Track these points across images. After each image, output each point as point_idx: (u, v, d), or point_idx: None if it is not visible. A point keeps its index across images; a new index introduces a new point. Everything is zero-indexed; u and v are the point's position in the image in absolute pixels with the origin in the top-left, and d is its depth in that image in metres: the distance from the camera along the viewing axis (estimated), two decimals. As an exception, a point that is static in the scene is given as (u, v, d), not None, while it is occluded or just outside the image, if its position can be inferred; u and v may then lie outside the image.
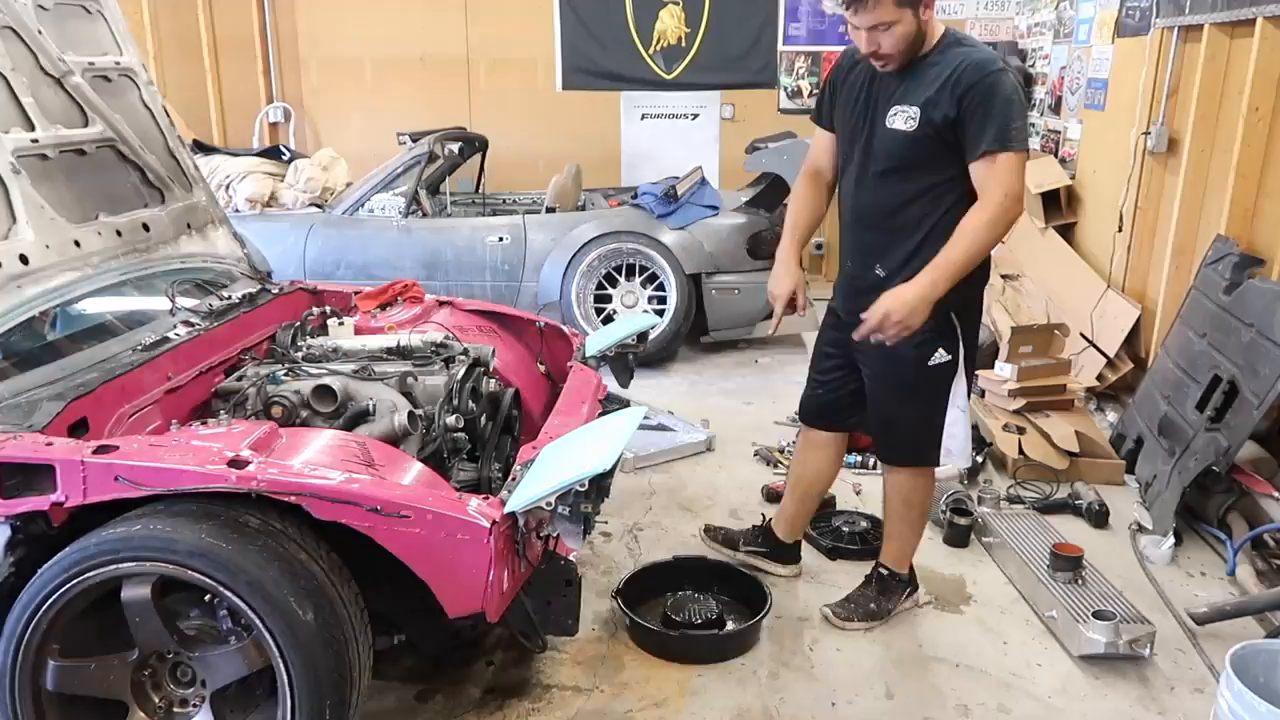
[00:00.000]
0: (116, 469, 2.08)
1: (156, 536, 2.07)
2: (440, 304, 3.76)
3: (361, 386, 2.86)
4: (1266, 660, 2.30)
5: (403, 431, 2.71)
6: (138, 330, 2.92)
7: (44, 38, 3.02)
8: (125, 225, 3.12)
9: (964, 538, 3.62)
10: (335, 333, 3.38)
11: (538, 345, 3.77)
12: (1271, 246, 3.92)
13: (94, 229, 2.98)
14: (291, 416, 2.76)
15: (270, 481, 2.09)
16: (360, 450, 2.37)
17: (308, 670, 2.08)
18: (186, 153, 3.59)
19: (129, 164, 3.29)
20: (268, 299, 3.46)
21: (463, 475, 2.88)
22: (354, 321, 3.48)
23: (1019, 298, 5.62)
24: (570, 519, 2.15)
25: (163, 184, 3.39)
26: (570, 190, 6.09)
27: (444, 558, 2.11)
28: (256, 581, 2.04)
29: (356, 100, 8.23)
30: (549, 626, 2.45)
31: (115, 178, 3.23)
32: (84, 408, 2.43)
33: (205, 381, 2.94)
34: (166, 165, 3.44)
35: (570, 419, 2.88)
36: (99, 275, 2.92)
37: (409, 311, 3.61)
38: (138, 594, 2.11)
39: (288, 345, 3.22)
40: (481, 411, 3.07)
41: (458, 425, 2.87)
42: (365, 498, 2.09)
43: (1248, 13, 4.01)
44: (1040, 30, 6.85)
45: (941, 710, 2.73)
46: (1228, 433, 3.51)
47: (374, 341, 3.21)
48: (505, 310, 3.86)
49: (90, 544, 2.10)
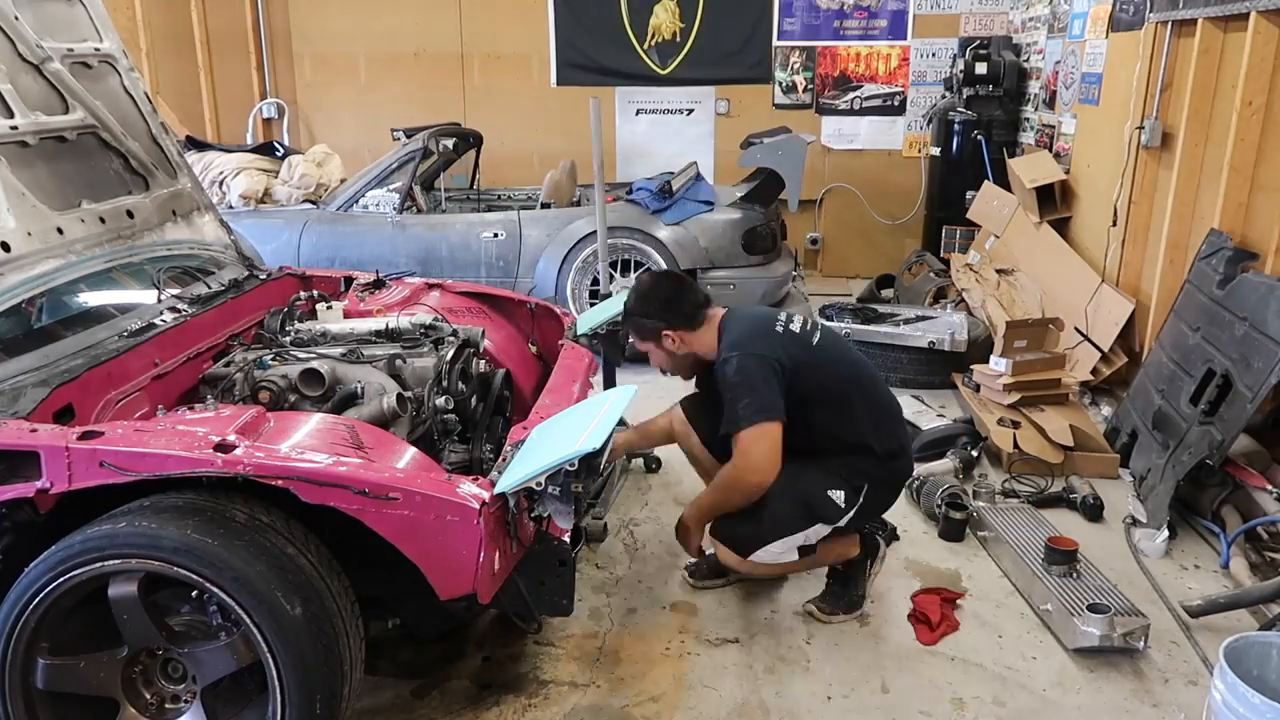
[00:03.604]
0: (102, 454, 2.06)
1: (142, 533, 2.05)
2: (430, 286, 3.72)
3: (350, 369, 2.84)
4: (1260, 653, 2.31)
5: (391, 414, 2.68)
6: (123, 317, 2.89)
7: (21, 24, 2.98)
8: (109, 212, 3.08)
9: (959, 532, 3.63)
10: (324, 317, 3.35)
11: (529, 326, 3.73)
12: (1265, 240, 3.93)
13: (77, 216, 2.93)
14: (279, 401, 2.73)
15: (257, 465, 2.06)
16: (349, 433, 2.35)
17: (297, 664, 2.06)
18: (170, 139, 3.54)
19: (111, 150, 3.24)
20: (255, 284, 3.42)
21: (454, 457, 2.86)
22: (342, 305, 3.44)
23: (1014, 292, 5.63)
24: (561, 499, 2.14)
25: (146, 170, 3.35)
26: (565, 186, 6.08)
27: (434, 540, 2.08)
28: (243, 576, 2.03)
29: (350, 96, 8.21)
30: (543, 607, 2.42)
31: (97, 164, 3.18)
32: (69, 394, 2.41)
33: (193, 367, 2.91)
34: (150, 151, 3.40)
35: (561, 398, 2.86)
36: (83, 262, 2.88)
37: (398, 294, 3.58)
38: (125, 591, 2.10)
39: (275, 330, 3.19)
40: (472, 393, 3.04)
41: (447, 407, 2.85)
42: (353, 480, 2.07)
43: (1241, 7, 4.01)
44: (1034, 25, 6.85)
45: (937, 704, 2.74)
46: (1221, 426, 3.52)
47: (362, 325, 3.18)
48: (496, 292, 3.82)
49: (75, 542, 2.08)
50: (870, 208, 7.90)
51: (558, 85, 7.96)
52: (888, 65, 7.76)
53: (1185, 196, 4.54)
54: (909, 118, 7.83)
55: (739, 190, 6.01)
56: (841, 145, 7.92)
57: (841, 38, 7.75)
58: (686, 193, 5.70)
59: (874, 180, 7.89)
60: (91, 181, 3.10)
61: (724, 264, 5.64)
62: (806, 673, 2.87)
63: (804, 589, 3.29)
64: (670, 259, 5.55)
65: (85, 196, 3.03)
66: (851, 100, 7.86)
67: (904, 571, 3.42)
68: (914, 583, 3.34)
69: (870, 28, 7.72)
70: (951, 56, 7.44)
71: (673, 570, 3.40)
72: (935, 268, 6.55)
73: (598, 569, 3.39)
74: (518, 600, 2.38)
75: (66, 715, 2.25)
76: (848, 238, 8.04)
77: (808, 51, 7.80)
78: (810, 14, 7.72)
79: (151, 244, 3.22)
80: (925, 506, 3.79)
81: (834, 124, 7.90)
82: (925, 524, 3.76)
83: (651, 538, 3.62)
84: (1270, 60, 3.93)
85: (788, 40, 7.78)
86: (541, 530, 2.36)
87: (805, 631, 3.06)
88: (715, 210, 5.70)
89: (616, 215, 5.67)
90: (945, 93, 7.38)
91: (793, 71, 7.83)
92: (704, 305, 3.02)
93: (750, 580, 3.30)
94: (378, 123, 7.32)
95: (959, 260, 6.36)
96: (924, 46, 7.69)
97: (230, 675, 2.18)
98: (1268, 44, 3.91)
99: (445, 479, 2.18)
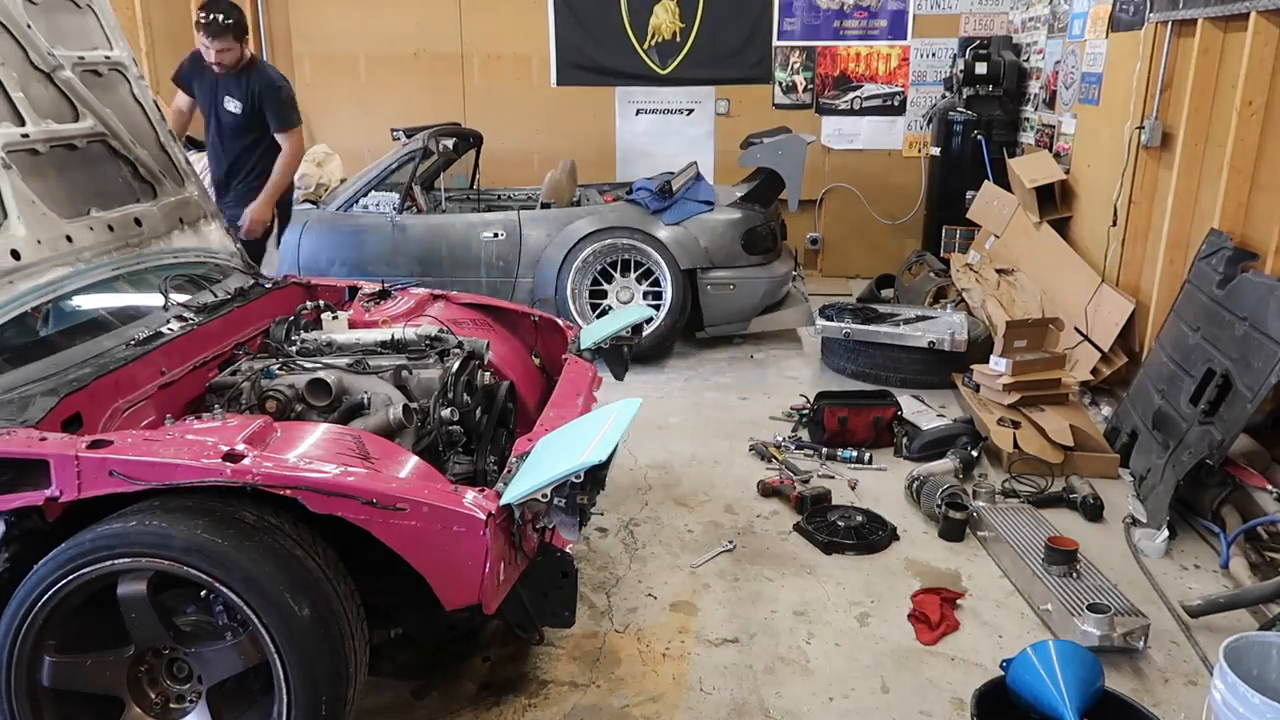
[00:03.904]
0: (111, 464, 2.07)
1: (152, 532, 2.06)
2: (434, 298, 3.75)
3: (356, 380, 2.85)
4: (1260, 652, 2.31)
5: (398, 425, 2.70)
6: (131, 325, 2.91)
7: (33, 32, 3.01)
8: (117, 220, 3.11)
9: (959, 532, 3.63)
10: (329, 326, 3.37)
11: (532, 338, 3.76)
12: (1265, 240, 3.93)
13: (86, 224, 2.96)
14: (286, 410, 2.75)
15: (265, 475, 2.08)
16: (355, 444, 2.37)
17: (304, 666, 2.07)
18: (178, 148, 3.57)
19: (120, 158, 3.28)
20: (261, 293, 3.45)
21: (458, 468, 2.87)
22: (348, 315, 3.47)
23: (1014, 292, 5.63)
24: (566, 511, 2.15)
25: (154, 178, 3.38)
26: (565, 186, 6.08)
27: (440, 550, 2.10)
28: (252, 577, 2.04)
29: (350, 96, 8.20)
30: (545, 618, 2.45)
31: (106, 172, 3.21)
32: (77, 403, 2.42)
33: (199, 376, 2.93)
34: (158, 160, 3.43)
35: (565, 411, 2.88)
36: (91, 270, 2.91)
37: (403, 304, 3.60)
38: (134, 590, 2.10)
39: (281, 339, 3.21)
40: (476, 404, 3.06)
41: (453, 418, 2.87)
42: (361, 490, 2.08)
43: (1241, 7, 4.02)
44: (1034, 25, 6.85)
45: (937, 704, 2.74)
46: (1221, 426, 3.52)
47: (368, 335, 3.20)
48: (500, 304, 3.85)
49: (86, 540, 2.09)
50: (870, 208, 7.90)
51: (558, 85, 7.96)
52: (888, 65, 7.77)
53: (1185, 196, 4.54)
54: (909, 118, 7.83)
55: (739, 190, 6.01)
56: (841, 145, 7.92)
57: (841, 38, 7.75)
58: (686, 193, 5.71)
59: (874, 180, 7.89)
60: (100, 189, 3.13)
61: (724, 264, 5.64)
62: (806, 673, 2.87)
63: (804, 589, 3.29)
64: (670, 259, 5.56)
65: (94, 204, 3.06)
66: (851, 100, 7.86)
67: (904, 571, 3.42)
68: (914, 583, 3.34)
69: (870, 28, 7.72)
70: (951, 56, 7.45)
71: (673, 570, 3.40)
72: (935, 268, 6.56)
73: (598, 570, 3.40)
74: (520, 611, 2.40)
75: (71, 714, 2.26)
76: (848, 238, 8.04)
77: (808, 51, 7.80)
78: (810, 14, 7.73)
79: (159, 252, 3.25)
80: (925, 506, 3.79)
81: (834, 124, 7.90)
82: (925, 524, 3.76)
83: (651, 538, 3.63)
84: (1270, 60, 3.93)
85: (788, 40, 7.78)
86: (544, 542, 2.37)
87: (805, 631, 3.07)
88: (715, 210, 5.70)
89: (616, 215, 5.68)
90: (945, 93, 7.38)
91: (793, 71, 7.84)
92: None
93: (750, 580, 3.30)
94: (378, 123, 7.31)
95: (959, 260, 6.37)
96: (924, 46, 7.69)
97: (235, 676, 2.19)
98: (1268, 44, 3.92)
99: (451, 489, 2.19)
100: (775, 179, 5.84)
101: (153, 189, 3.36)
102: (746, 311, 5.76)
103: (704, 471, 4.24)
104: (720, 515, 3.81)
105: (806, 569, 3.44)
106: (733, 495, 4.00)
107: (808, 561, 3.48)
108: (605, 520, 3.74)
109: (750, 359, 5.85)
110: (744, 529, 3.71)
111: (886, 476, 4.18)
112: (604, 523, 3.72)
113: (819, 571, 3.42)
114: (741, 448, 4.47)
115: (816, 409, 4.47)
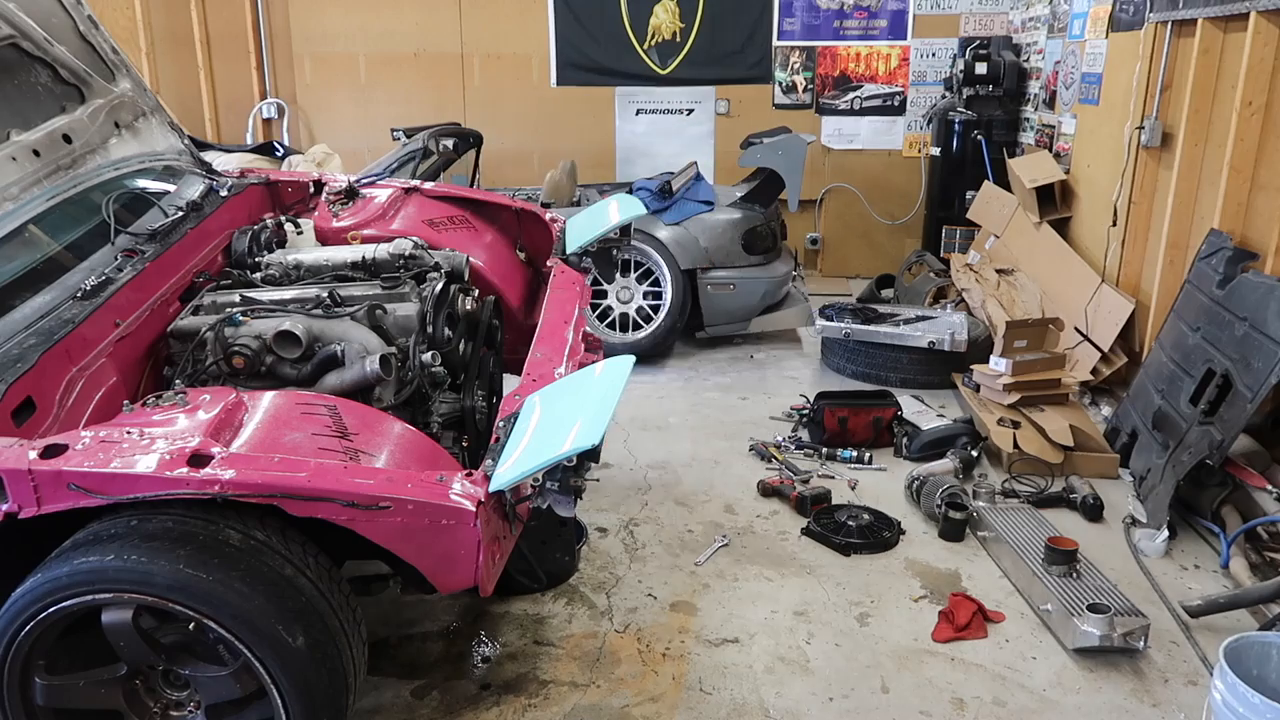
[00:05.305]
0: (68, 476, 1.91)
1: (132, 569, 1.93)
2: (406, 192, 3.43)
3: (328, 326, 2.64)
4: (1260, 652, 2.31)
5: (376, 378, 2.53)
6: (75, 272, 2.56)
7: None
8: (43, 142, 2.66)
9: (959, 532, 3.63)
10: (294, 242, 3.10)
11: (515, 230, 3.49)
12: (1265, 240, 3.93)
13: (7, 154, 2.53)
14: (255, 365, 2.57)
15: (234, 484, 1.93)
16: (332, 419, 2.22)
17: (301, 692, 2.02)
18: (102, 35, 3.04)
19: (35, 62, 2.77)
20: (218, 203, 3.07)
21: (444, 407, 2.73)
22: (312, 224, 3.18)
23: (1014, 292, 5.63)
24: (560, 492, 2.08)
25: (79, 80, 2.90)
26: (565, 186, 6.08)
27: (431, 543, 2.01)
28: (242, 613, 1.94)
29: (350, 96, 8.20)
30: (547, 564, 2.36)
31: (21, 84, 2.73)
32: (26, 386, 2.19)
33: (158, 314, 2.67)
34: (81, 54, 2.91)
35: (553, 348, 2.69)
36: (20, 210, 2.50)
37: (373, 208, 3.26)
38: (119, 619, 2.00)
39: (244, 253, 2.94)
40: (459, 336, 2.87)
41: (434, 362, 2.70)
42: (341, 493, 1.96)
43: (1241, 7, 4.01)
44: (1034, 25, 6.85)
45: (937, 704, 2.74)
46: (1221, 426, 3.52)
47: (338, 255, 2.95)
48: (478, 195, 3.55)
49: (62, 574, 1.96)
50: (870, 208, 7.90)
51: (558, 85, 7.96)
52: (888, 65, 7.76)
53: (1185, 196, 4.54)
54: (909, 118, 7.83)
55: (739, 190, 6.01)
56: (841, 145, 7.92)
57: (841, 38, 7.75)
58: (686, 193, 5.71)
59: (874, 180, 7.89)
60: (17, 107, 2.66)
61: (724, 264, 5.64)
62: (806, 673, 2.87)
63: (804, 589, 3.29)
64: (670, 259, 5.56)
65: (13, 126, 2.60)
66: (851, 100, 7.86)
67: (904, 572, 3.42)
68: (914, 583, 3.34)
69: (870, 28, 7.72)
70: (951, 56, 7.45)
71: (673, 570, 3.40)
72: (935, 268, 6.56)
73: (599, 570, 3.40)
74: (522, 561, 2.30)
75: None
76: (848, 238, 8.04)
77: (808, 51, 7.80)
78: (810, 14, 7.72)
79: (97, 168, 2.83)
80: (925, 506, 3.79)
81: (834, 124, 7.90)
82: (925, 524, 3.76)
83: (651, 538, 3.63)
84: (1270, 60, 3.93)
85: (788, 40, 7.78)
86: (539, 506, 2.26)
87: (805, 631, 3.07)
88: (715, 210, 5.70)
89: (616, 215, 5.67)
90: (945, 93, 7.38)
91: (793, 71, 7.83)
92: None
93: (750, 580, 3.30)
94: (378, 123, 7.32)
95: (959, 260, 6.37)
96: (924, 46, 7.69)
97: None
98: (1268, 44, 3.92)
99: (437, 480, 2.06)
100: (775, 179, 5.83)
101: (79, 92, 2.89)
102: (746, 312, 5.76)
103: (704, 471, 4.24)
104: (720, 515, 3.81)
105: (806, 569, 3.43)
106: (733, 495, 4.00)
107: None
108: (605, 520, 3.73)
109: (750, 359, 5.85)
110: (744, 529, 3.71)
111: (886, 477, 4.18)
112: (604, 523, 3.72)
113: (819, 571, 3.42)
114: (741, 448, 4.47)
115: (816, 409, 4.47)
